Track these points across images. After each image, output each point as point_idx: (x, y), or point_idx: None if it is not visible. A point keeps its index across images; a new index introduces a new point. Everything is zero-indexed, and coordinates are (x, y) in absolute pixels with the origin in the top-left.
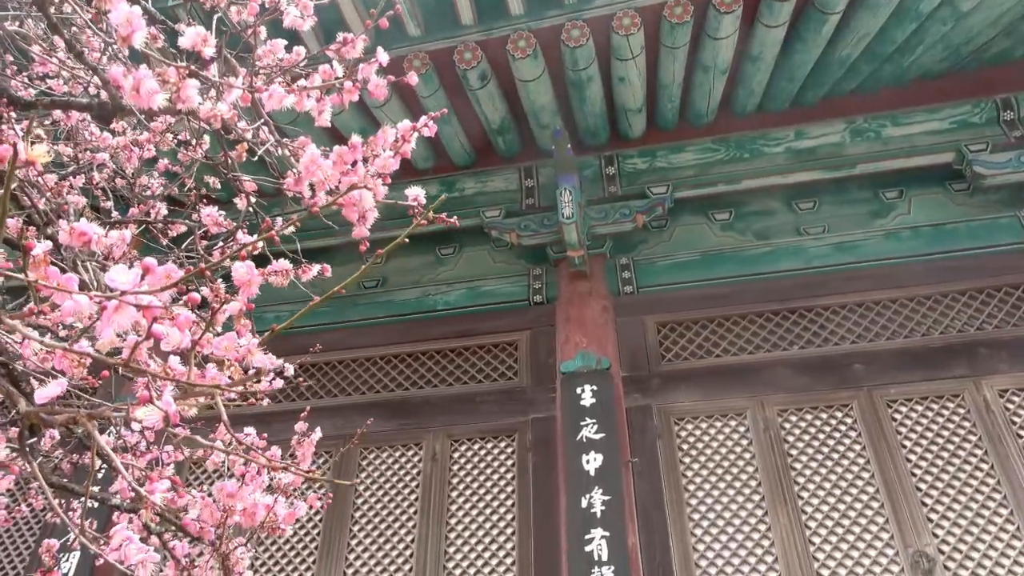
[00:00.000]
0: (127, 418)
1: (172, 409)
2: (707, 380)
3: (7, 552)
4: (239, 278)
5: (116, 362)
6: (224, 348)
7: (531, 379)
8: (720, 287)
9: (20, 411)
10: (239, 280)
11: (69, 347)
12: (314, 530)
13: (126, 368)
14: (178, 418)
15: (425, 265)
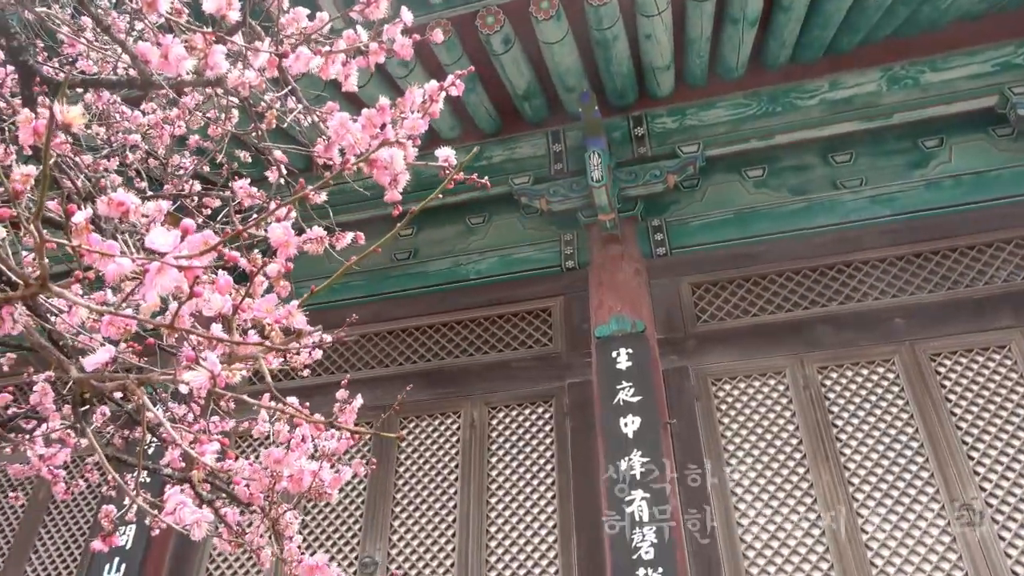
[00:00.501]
0: (175, 381)
1: (217, 369)
2: (744, 340)
3: (68, 526)
4: (276, 239)
5: (161, 323)
6: (265, 310)
7: (566, 345)
8: (755, 245)
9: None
10: (276, 241)
11: (115, 310)
12: (359, 499)
13: (171, 330)
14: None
15: (456, 235)
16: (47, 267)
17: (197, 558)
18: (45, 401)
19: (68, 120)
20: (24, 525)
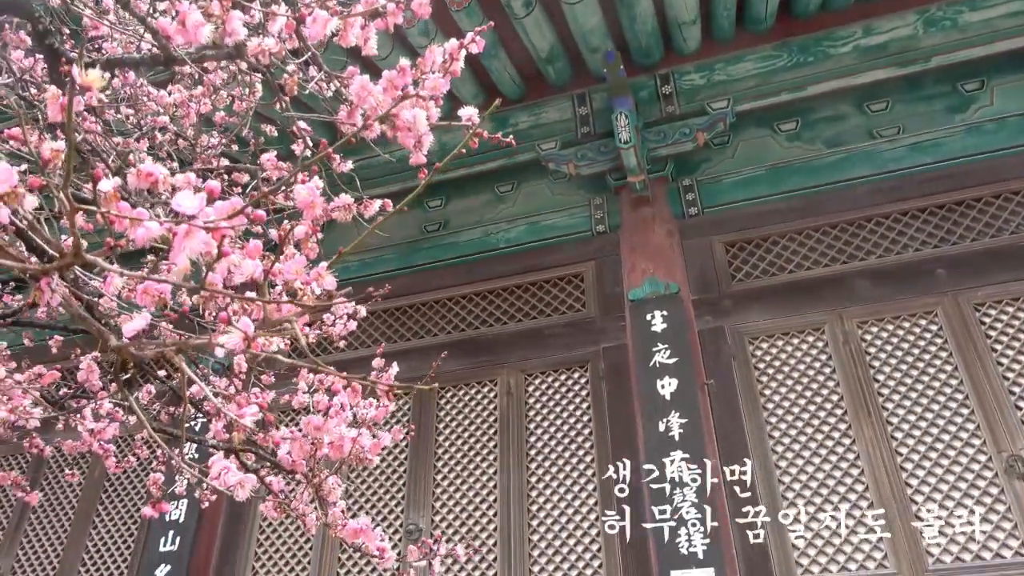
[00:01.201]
0: (210, 345)
1: (251, 331)
2: (781, 297)
3: (123, 502)
4: (302, 200)
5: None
6: (295, 272)
7: (599, 309)
8: (790, 200)
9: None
10: (302, 202)
11: (148, 275)
12: (400, 468)
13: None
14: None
15: (485, 204)
16: (79, 235)
17: (247, 530)
18: (92, 378)
19: (88, 83)
20: (82, 502)
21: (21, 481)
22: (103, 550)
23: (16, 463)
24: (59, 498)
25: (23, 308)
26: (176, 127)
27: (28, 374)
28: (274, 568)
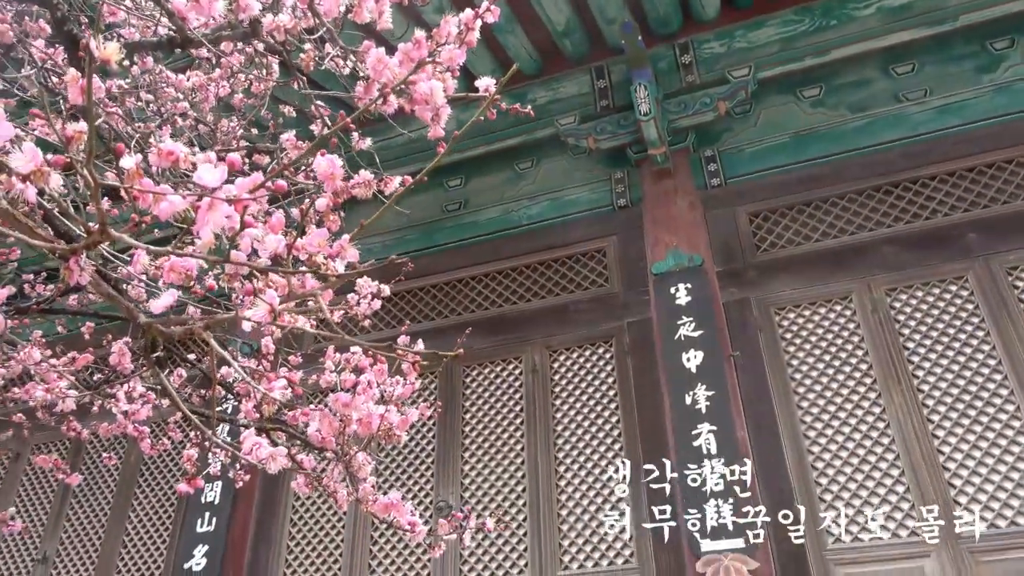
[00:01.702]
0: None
1: (276, 303)
2: (807, 267)
3: (159, 485)
4: (321, 171)
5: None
6: (317, 244)
7: (623, 284)
8: (815, 168)
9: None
10: (322, 174)
11: (173, 249)
12: (429, 447)
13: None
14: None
15: (504, 182)
16: (104, 211)
17: (281, 510)
18: (123, 361)
19: (105, 56)
20: (121, 486)
21: (61, 464)
22: (142, 532)
23: (56, 448)
24: (98, 482)
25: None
26: (196, 112)
27: (63, 359)
28: (308, 547)
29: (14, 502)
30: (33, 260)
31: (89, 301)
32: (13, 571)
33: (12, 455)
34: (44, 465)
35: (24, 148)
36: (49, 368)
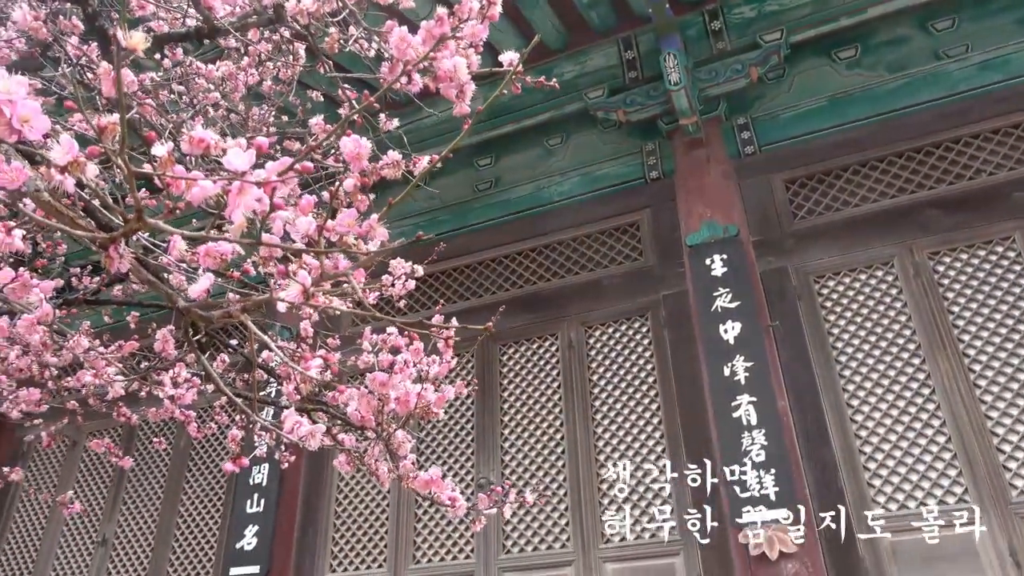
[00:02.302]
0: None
1: (308, 283)
2: (846, 232)
3: (209, 469)
4: (348, 151)
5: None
6: (347, 224)
7: (657, 257)
8: (852, 131)
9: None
10: (349, 154)
11: (207, 234)
12: (468, 425)
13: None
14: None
15: (535, 159)
16: (140, 199)
17: (326, 490)
18: (168, 348)
19: (132, 45)
20: (172, 470)
21: (114, 448)
22: (195, 514)
23: (109, 435)
24: (151, 467)
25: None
26: (227, 102)
27: (111, 348)
28: (353, 525)
29: (73, 488)
30: (79, 254)
31: (133, 291)
32: (76, 554)
33: (69, 443)
34: (98, 449)
35: (61, 140)
36: (97, 356)
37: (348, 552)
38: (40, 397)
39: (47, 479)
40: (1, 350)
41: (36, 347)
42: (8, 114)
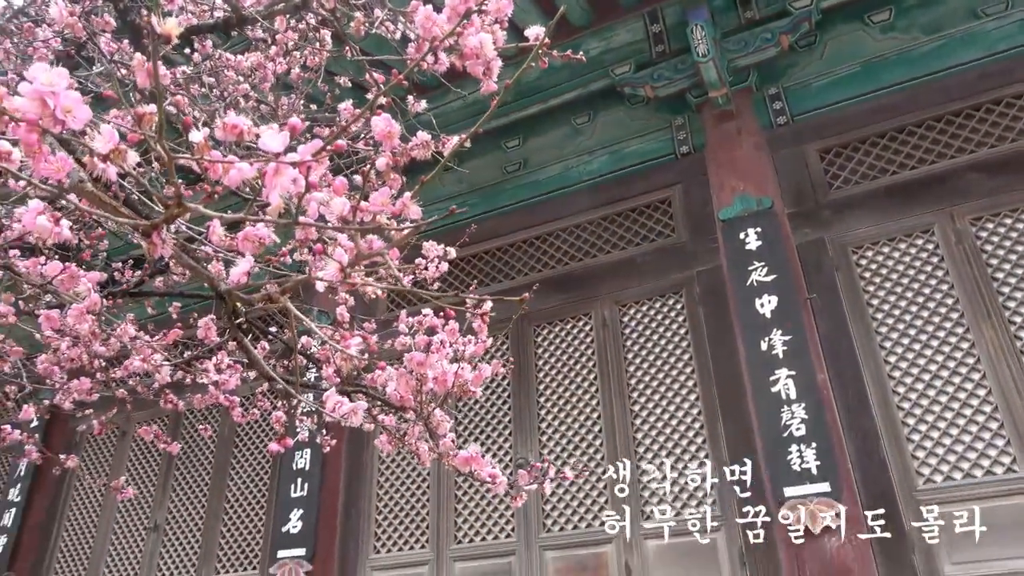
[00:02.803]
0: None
1: (345, 260)
2: (884, 201)
3: (253, 455)
4: (379, 131)
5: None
6: (380, 203)
7: (689, 233)
8: (888, 97)
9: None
10: (380, 133)
11: (245, 216)
12: (504, 406)
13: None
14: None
15: (562, 139)
16: (179, 184)
17: (367, 474)
18: (210, 335)
19: (166, 31)
20: (218, 457)
21: (162, 435)
22: (241, 499)
23: (157, 424)
24: (197, 455)
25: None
26: (256, 93)
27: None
28: (395, 507)
29: (124, 476)
30: (120, 250)
31: (174, 283)
32: (131, 539)
33: (119, 433)
34: (146, 436)
35: (102, 130)
36: (144, 344)
37: (391, 533)
38: (91, 386)
39: (100, 468)
40: (52, 341)
41: (85, 337)
42: (51, 105)
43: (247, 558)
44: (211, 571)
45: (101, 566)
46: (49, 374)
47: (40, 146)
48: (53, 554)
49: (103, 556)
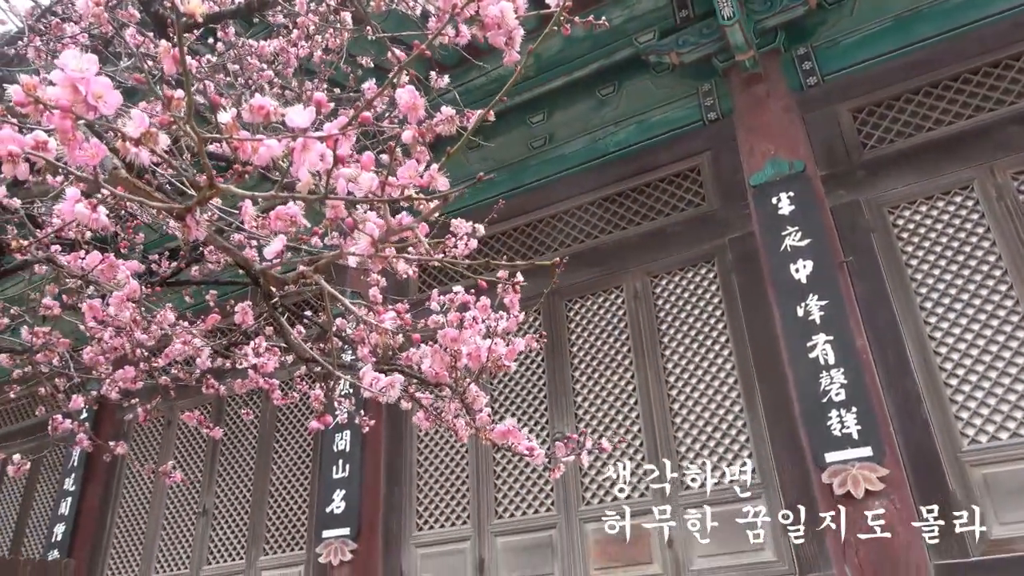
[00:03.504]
0: (342, 254)
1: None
2: (920, 159)
3: (294, 437)
4: (405, 103)
5: (316, 197)
6: (408, 176)
7: (720, 200)
8: (922, 51)
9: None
10: (405, 105)
11: (276, 193)
12: (539, 382)
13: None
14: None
15: (588, 111)
16: (210, 166)
17: (407, 453)
18: (247, 319)
19: (190, 10)
20: (261, 442)
21: (205, 420)
22: (285, 482)
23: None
24: (241, 440)
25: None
26: (281, 79)
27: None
28: (436, 484)
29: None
30: (156, 243)
31: (210, 271)
32: (181, 524)
33: (165, 423)
34: (190, 421)
35: (133, 115)
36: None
37: (433, 511)
38: (135, 375)
39: (148, 456)
40: (96, 332)
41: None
42: (83, 91)
43: (293, 539)
44: (259, 553)
45: (155, 550)
46: (95, 364)
47: (74, 133)
48: (109, 540)
49: (156, 540)
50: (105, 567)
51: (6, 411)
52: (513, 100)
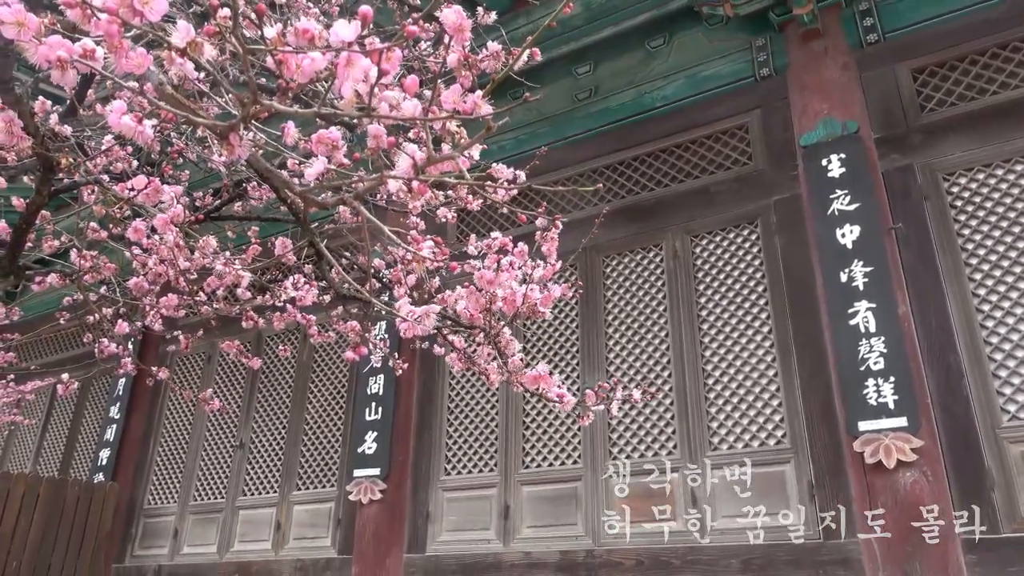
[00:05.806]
0: (383, 178)
1: (418, 155)
2: (980, 124)
3: (330, 379)
4: (451, 24)
5: (358, 114)
6: (451, 101)
7: (768, 160)
8: (991, 10)
9: (296, 192)
10: (451, 26)
11: (319, 110)
12: (572, 336)
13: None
14: (426, 187)
15: (636, 64)
16: (254, 80)
17: (438, 399)
18: (287, 255)
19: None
20: (297, 380)
21: (243, 350)
22: (320, 421)
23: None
24: (277, 377)
25: (224, 202)
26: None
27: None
28: (464, 431)
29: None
30: (200, 182)
31: (251, 207)
32: (219, 456)
33: (205, 357)
34: (230, 350)
35: (179, 25)
36: (227, 259)
37: (461, 456)
38: (177, 302)
39: (188, 389)
40: (140, 260)
41: (170, 250)
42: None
43: (325, 476)
44: (292, 488)
45: (193, 479)
46: (140, 291)
47: (121, 40)
48: (151, 467)
49: (195, 470)
50: (147, 492)
51: (57, 339)
52: (559, 50)
